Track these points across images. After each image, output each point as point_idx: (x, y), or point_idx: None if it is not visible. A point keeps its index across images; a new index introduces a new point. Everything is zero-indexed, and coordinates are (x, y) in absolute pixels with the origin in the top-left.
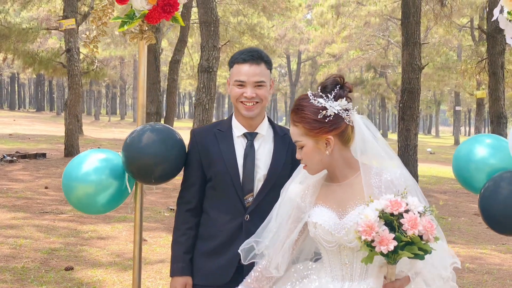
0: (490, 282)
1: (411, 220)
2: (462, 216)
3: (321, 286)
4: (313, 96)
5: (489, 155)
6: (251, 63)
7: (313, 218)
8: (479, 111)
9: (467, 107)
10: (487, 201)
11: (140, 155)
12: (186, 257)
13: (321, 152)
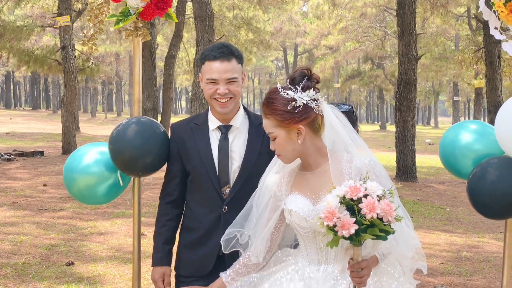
0: (487, 269)
1: (369, 204)
2: (460, 206)
3: (298, 269)
4: (282, 89)
5: (474, 141)
6: (222, 60)
7: (288, 206)
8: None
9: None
10: (475, 186)
11: (123, 148)
12: (165, 248)
13: (293, 142)
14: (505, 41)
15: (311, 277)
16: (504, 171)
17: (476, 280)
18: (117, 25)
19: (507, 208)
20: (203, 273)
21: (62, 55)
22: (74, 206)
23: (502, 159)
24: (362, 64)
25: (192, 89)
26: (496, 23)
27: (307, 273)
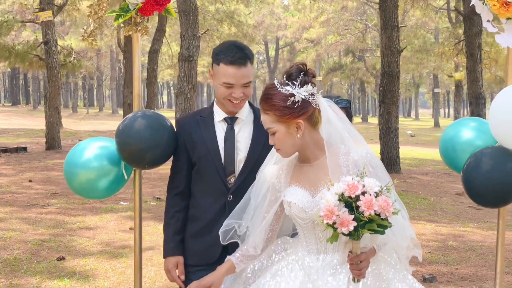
0: (473, 258)
1: (367, 202)
2: (444, 196)
3: (298, 259)
4: (280, 85)
5: (474, 137)
6: (239, 66)
7: (287, 198)
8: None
9: (445, 89)
10: (470, 176)
11: (132, 141)
12: (176, 238)
13: (292, 136)
14: (498, 33)
15: (310, 266)
16: (498, 161)
17: (463, 269)
18: (117, 20)
19: (500, 197)
20: (210, 262)
21: (44, 50)
22: (61, 201)
23: (495, 149)
24: (344, 57)
25: (178, 83)
26: (489, 16)
27: (307, 263)
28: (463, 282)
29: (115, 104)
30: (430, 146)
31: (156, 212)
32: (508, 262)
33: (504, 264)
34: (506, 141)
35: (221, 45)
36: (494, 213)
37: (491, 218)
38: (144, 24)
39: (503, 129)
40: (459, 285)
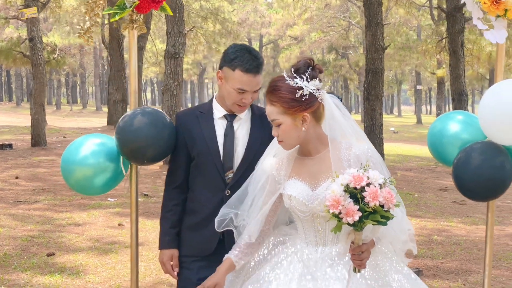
0: (458, 252)
1: (372, 193)
2: (428, 192)
3: (297, 251)
4: (289, 77)
5: (460, 130)
6: (255, 74)
7: (287, 191)
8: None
9: (427, 85)
10: (460, 171)
11: (133, 137)
12: (172, 231)
13: (298, 129)
14: (487, 30)
15: (309, 258)
16: (487, 156)
17: (448, 263)
18: (114, 17)
19: (490, 191)
20: (206, 254)
21: (29, 47)
22: (49, 198)
23: (485, 144)
24: (327, 54)
25: (164, 80)
26: (479, 13)
27: (306, 255)
28: (449, 275)
29: (99, 101)
30: (413, 143)
31: (144, 208)
32: (493, 256)
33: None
34: (495, 136)
35: (234, 48)
36: (477, 208)
37: (474, 213)
38: (140, 21)
39: (492, 125)
40: (445, 278)
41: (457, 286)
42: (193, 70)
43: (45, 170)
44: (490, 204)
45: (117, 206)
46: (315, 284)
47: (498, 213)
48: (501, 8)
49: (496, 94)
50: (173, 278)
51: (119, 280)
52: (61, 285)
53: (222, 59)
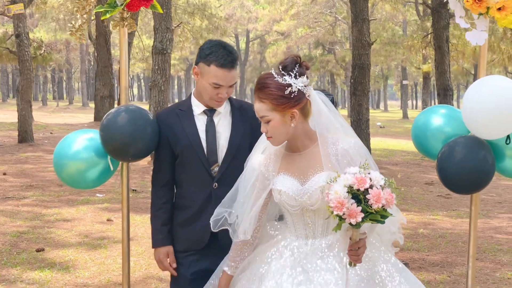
0: (443, 245)
1: (376, 195)
2: (414, 186)
3: (288, 244)
4: (277, 75)
5: (443, 124)
6: (230, 69)
7: (277, 186)
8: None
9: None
10: (444, 164)
11: (115, 135)
12: (165, 229)
13: (287, 125)
14: (469, 29)
15: (300, 251)
16: (471, 150)
17: (433, 255)
18: (105, 15)
19: (474, 184)
20: (199, 248)
21: (16, 43)
22: (37, 194)
23: (468, 138)
24: (313, 50)
25: (151, 76)
26: (462, 12)
27: (296, 248)
28: (434, 268)
29: (85, 97)
30: (399, 137)
31: (133, 203)
32: (477, 249)
33: (475, 249)
34: (478, 131)
35: (209, 44)
36: (462, 201)
37: (459, 207)
38: (131, 19)
39: (475, 120)
40: (430, 271)
41: (443, 278)
42: (180, 66)
43: (33, 166)
44: (473, 197)
45: (105, 201)
46: (306, 276)
47: (483, 207)
48: (483, 6)
49: (478, 90)
50: (170, 273)
51: (109, 275)
52: (51, 280)
53: (198, 55)
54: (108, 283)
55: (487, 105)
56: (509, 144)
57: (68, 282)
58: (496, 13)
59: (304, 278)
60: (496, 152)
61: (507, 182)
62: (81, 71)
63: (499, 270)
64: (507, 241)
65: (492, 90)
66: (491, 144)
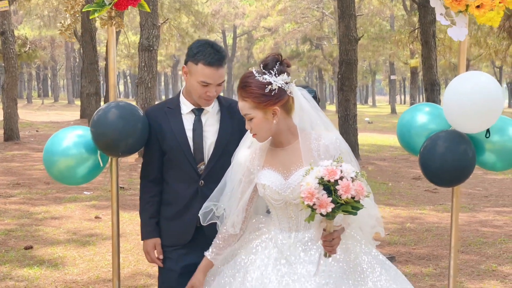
0: (429, 238)
1: (345, 186)
2: (401, 181)
3: (272, 237)
4: (257, 73)
5: (428, 121)
6: (217, 67)
7: (261, 180)
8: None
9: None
10: (426, 158)
11: (106, 131)
12: (152, 221)
13: (269, 122)
14: (450, 26)
15: (283, 244)
16: (452, 143)
17: (420, 249)
18: (93, 14)
19: (454, 176)
20: (184, 242)
21: (1, 41)
22: (24, 192)
23: (449, 133)
24: (301, 45)
25: (138, 73)
26: (442, 9)
27: (280, 240)
28: (421, 261)
29: (71, 95)
30: (387, 133)
31: (120, 201)
32: (462, 242)
33: (459, 243)
34: (459, 125)
35: (197, 43)
36: (449, 196)
37: (446, 201)
38: (119, 17)
39: (456, 114)
40: (417, 264)
41: (429, 271)
42: (166, 62)
43: (19, 164)
44: (455, 189)
45: (93, 199)
46: (289, 267)
47: (470, 201)
48: (462, 3)
49: (458, 86)
50: (156, 266)
51: (98, 271)
52: (40, 277)
53: (186, 54)
54: (97, 280)
55: (467, 100)
56: (489, 138)
57: (57, 279)
58: (475, 11)
59: (288, 269)
60: (477, 146)
61: (493, 176)
62: (66, 68)
63: (484, 262)
64: (492, 234)
65: (472, 85)
66: (472, 138)
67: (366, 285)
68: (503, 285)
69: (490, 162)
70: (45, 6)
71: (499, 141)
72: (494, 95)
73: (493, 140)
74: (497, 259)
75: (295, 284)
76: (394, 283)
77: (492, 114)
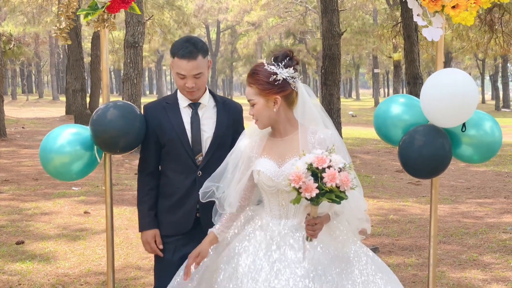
0: (412, 229)
1: (331, 175)
2: (385, 174)
3: (263, 225)
4: (267, 64)
5: (402, 112)
6: (189, 59)
7: (257, 167)
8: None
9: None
10: (405, 151)
11: (106, 129)
12: (151, 213)
13: (269, 110)
14: (425, 27)
15: (273, 230)
16: (429, 137)
17: (403, 240)
18: (86, 17)
19: (432, 168)
20: (184, 231)
21: None
22: (13, 188)
23: (427, 127)
24: (285, 39)
25: (124, 69)
26: (419, 10)
27: (270, 227)
28: (403, 251)
29: (55, 91)
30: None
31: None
32: (444, 232)
33: (440, 233)
34: (436, 119)
35: (179, 39)
36: None
37: (429, 193)
38: (111, 20)
39: (433, 110)
40: (400, 254)
41: (411, 261)
42: (150, 58)
43: (7, 161)
44: (434, 181)
45: (81, 194)
46: (280, 254)
47: (452, 192)
48: (438, 4)
49: (435, 83)
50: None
51: (89, 265)
52: (32, 271)
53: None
54: (88, 273)
55: (444, 96)
56: (465, 132)
57: (49, 272)
58: (451, 11)
59: (279, 255)
60: (453, 139)
61: (476, 168)
62: (51, 64)
63: (465, 252)
64: (474, 225)
65: (448, 82)
66: (448, 132)
67: (353, 273)
68: (484, 274)
69: (467, 155)
70: (29, 3)
71: (475, 135)
72: (469, 91)
73: (469, 134)
74: (478, 249)
75: (285, 269)
76: (379, 271)
77: (467, 109)
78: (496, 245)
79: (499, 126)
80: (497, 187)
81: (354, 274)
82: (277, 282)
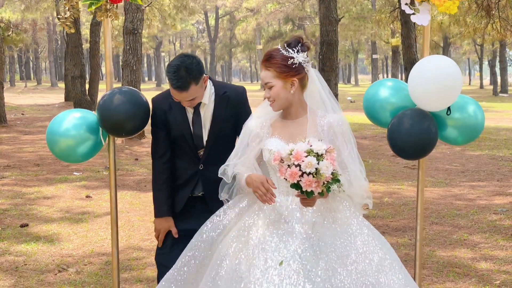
0: (406, 211)
1: (307, 181)
2: (381, 158)
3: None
4: (283, 49)
5: (390, 95)
6: (180, 91)
7: (268, 146)
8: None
9: (383, 54)
10: (393, 134)
11: (113, 114)
12: (169, 202)
13: (287, 92)
14: (414, 14)
15: (281, 205)
16: (416, 120)
17: (396, 221)
18: (90, 7)
19: (419, 150)
20: (176, 210)
21: None
22: (15, 173)
23: (414, 111)
24: (283, 25)
25: (123, 56)
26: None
27: (278, 203)
28: (397, 232)
29: (54, 77)
30: None
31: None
32: (437, 214)
33: (432, 214)
34: (422, 103)
35: (169, 64)
36: (427, 171)
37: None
38: (114, 10)
39: (420, 94)
40: (393, 235)
41: (404, 241)
42: (149, 44)
43: (8, 147)
44: (420, 162)
45: (82, 179)
46: (288, 226)
47: (446, 176)
48: None
49: (422, 69)
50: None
51: (92, 246)
52: (37, 252)
53: None
54: (92, 253)
55: (430, 82)
56: (450, 115)
57: (53, 253)
58: (436, 0)
59: (286, 229)
60: (439, 122)
61: (470, 152)
62: (49, 50)
63: (456, 232)
64: (466, 206)
65: (434, 68)
66: (434, 116)
67: (355, 243)
68: (473, 253)
69: (452, 137)
70: None
71: (460, 118)
72: (453, 76)
73: (454, 117)
74: (468, 229)
75: (294, 240)
76: (379, 243)
77: (452, 93)
78: (486, 225)
79: (482, 109)
80: (491, 170)
81: (357, 245)
82: (286, 251)
